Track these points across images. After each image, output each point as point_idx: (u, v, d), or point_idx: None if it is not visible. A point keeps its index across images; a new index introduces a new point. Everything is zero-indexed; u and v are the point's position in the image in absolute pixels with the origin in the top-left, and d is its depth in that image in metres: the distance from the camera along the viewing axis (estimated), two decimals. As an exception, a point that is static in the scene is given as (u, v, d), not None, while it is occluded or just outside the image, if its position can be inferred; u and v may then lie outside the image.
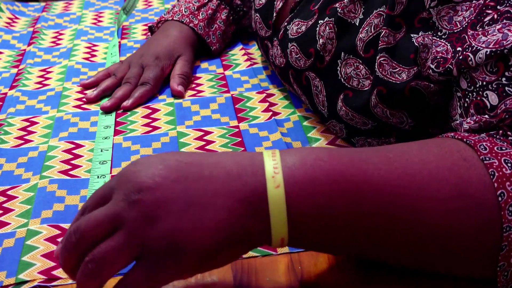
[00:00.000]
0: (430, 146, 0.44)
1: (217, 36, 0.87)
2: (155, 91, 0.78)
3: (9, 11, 1.06)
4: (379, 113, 0.57)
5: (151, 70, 0.78)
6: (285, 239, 0.41)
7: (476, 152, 0.42)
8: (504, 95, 0.44)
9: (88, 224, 0.40)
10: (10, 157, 0.65)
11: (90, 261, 0.40)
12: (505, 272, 0.41)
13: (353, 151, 0.43)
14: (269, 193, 0.40)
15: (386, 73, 0.55)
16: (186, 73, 0.80)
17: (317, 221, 0.41)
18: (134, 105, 0.74)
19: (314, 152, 0.42)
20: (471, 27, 0.48)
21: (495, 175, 0.40)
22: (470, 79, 0.47)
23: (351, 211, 0.41)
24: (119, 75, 0.79)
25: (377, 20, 0.56)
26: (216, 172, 0.41)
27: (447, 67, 0.49)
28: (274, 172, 0.40)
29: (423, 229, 0.41)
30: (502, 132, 0.44)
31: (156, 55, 0.80)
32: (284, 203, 0.40)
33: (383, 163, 0.42)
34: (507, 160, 0.41)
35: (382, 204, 0.41)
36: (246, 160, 0.42)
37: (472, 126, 0.46)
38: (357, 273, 0.47)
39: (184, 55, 0.82)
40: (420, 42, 0.52)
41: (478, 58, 0.46)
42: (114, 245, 0.39)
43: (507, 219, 0.39)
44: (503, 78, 0.45)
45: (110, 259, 0.39)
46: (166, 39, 0.83)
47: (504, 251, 0.40)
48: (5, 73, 0.85)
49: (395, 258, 0.44)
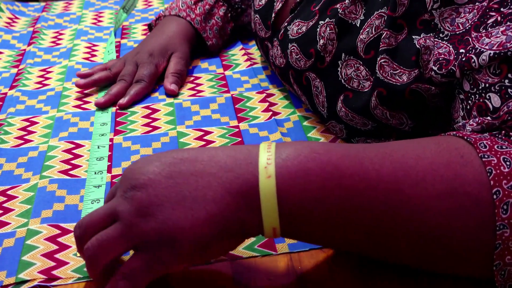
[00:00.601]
0: (428, 143, 0.44)
1: (213, 32, 0.87)
2: (150, 88, 0.78)
3: (9, 11, 1.06)
4: (379, 115, 0.57)
5: (145, 68, 0.79)
6: (277, 229, 0.42)
7: (476, 150, 0.42)
8: (507, 97, 0.44)
9: (91, 218, 0.44)
10: (10, 157, 0.65)
11: (87, 248, 0.43)
12: (502, 271, 0.41)
13: (350, 146, 0.44)
14: (261, 183, 0.41)
15: (387, 75, 0.55)
16: (180, 71, 0.80)
17: (309, 212, 0.41)
18: (130, 103, 0.75)
19: (309, 145, 0.43)
20: (475, 29, 0.47)
21: (493, 173, 0.40)
22: (473, 81, 0.47)
23: (344, 204, 0.41)
24: (114, 71, 0.80)
25: (378, 21, 0.56)
26: (209, 167, 0.42)
27: (449, 68, 0.49)
28: (267, 163, 0.41)
29: (417, 224, 0.41)
30: (505, 132, 0.44)
31: (150, 52, 0.81)
32: (275, 193, 0.41)
33: (378, 158, 0.42)
34: (506, 159, 0.41)
35: (376, 198, 0.41)
36: (242, 153, 0.43)
37: (475, 128, 0.46)
38: (357, 273, 0.47)
39: (178, 51, 0.82)
40: (422, 44, 0.52)
41: (481, 60, 0.46)
42: (110, 234, 0.42)
43: (500, 217, 0.39)
44: (506, 80, 0.45)
45: (105, 246, 0.42)
46: (162, 35, 0.83)
47: (499, 249, 0.40)
48: (5, 73, 0.85)
49: (388, 254, 0.44)
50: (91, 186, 0.60)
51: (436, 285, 0.45)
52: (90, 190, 0.59)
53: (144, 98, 0.77)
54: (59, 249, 0.52)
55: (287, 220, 0.41)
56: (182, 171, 0.42)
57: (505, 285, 0.42)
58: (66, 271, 0.49)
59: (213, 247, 0.42)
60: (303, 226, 0.42)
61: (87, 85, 0.78)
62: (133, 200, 0.42)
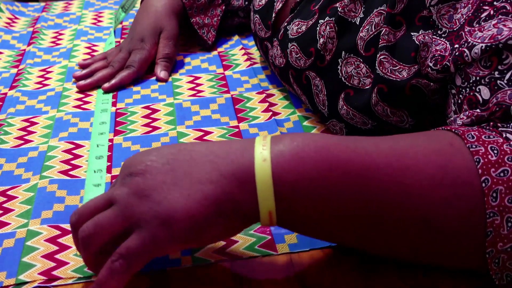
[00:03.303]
0: (418, 135, 0.44)
1: (199, 8, 0.87)
2: (140, 73, 0.82)
3: (9, 11, 1.06)
4: (380, 112, 0.57)
5: (136, 53, 0.82)
6: (273, 214, 0.42)
7: (463, 140, 0.42)
8: (496, 88, 0.44)
9: (88, 205, 0.45)
10: (10, 157, 0.65)
11: (82, 229, 0.44)
12: (496, 259, 0.41)
13: (345, 137, 0.45)
14: (256, 166, 0.42)
15: (387, 71, 0.55)
16: (167, 54, 0.83)
17: (303, 196, 0.42)
18: (113, 87, 0.78)
19: (304, 134, 0.44)
20: (468, 23, 0.48)
21: (481, 161, 0.40)
22: (465, 75, 0.48)
23: (338, 188, 0.41)
24: (109, 59, 0.83)
25: (378, 19, 0.56)
26: (205, 155, 0.44)
27: (444, 64, 0.49)
28: (262, 149, 0.42)
29: (410, 209, 0.41)
30: (493, 124, 0.44)
31: (141, 37, 0.83)
32: (270, 175, 0.41)
33: (371, 146, 0.43)
34: (493, 147, 0.41)
35: (370, 182, 0.41)
36: (238, 144, 0.44)
37: (465, 122, 0.46)
38: (357, 273, 0.47)
39: (166, 30, 0.84)
40: (420, 41, 0.52)
41: (473, 53, 0.46)
42: (105, 214, 0.44)
43: (490, 205, 0.40)
44: (496, 71, 0.45)
45: (100, 225, 0.43)
46: (148, 15, 0.85)
47: (490, 237, 0.40)
48: (5, 73, 0.85)
49: (382, 244, 0.44)
50: (90, 185, 0.60)
51: (435, 283, 0.45)
52: (89, 189, 0.59)
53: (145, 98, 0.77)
54: (59, 249, 0.51)
55: (282, 204, 0.42)
56: (178, 159, 0.44)
57: (501, 274, 0.41)
58: (66, 271, 0.49)
59: (208, 229, 0.42)
60: (298, 211, 0.42)
61: (85, 76, 0.81)
62: (131, 184, 0.43)
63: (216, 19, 0.89)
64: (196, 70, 0.84)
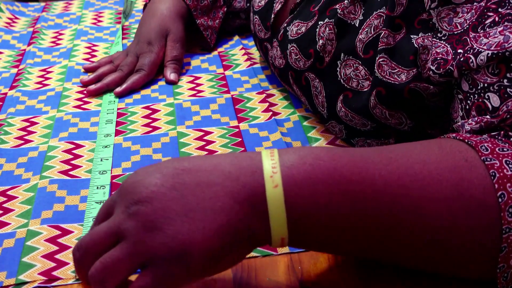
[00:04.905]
0: (431, 146, 0.43)
1: (202, 10, 0.87)
2: (151, 77, 0.81)
3: (9, 11, 1.06)
4: (378, 114, 0.57)
5: (145, 57, 0.81)
6: (285, 239, 0.41)
7: (478, 153, 0.42)
8: (506, 96, 0.44)
9: (91, 239, 0.42)
10: (10, 157, 0.65)
11: (92, 274, 0.41)
12: (505, 274, 0.41)
13: (354, 151, 0.43)
14: (268, 193, 0.40)
15: (385, 74, 0.55)
16: (176, 56, 0.82)
17: (317, 221, 0.41)
18: (125, 91, 0.78)
19: (313, 151, 0.42)
20: (473, 29, 0.48)
21: (496, 176, 0.40)
22: (472, 81, 0.47)
23: (352, 211, 0.41)
24: (116, 63, 0.82)
25: (377, 21, 0.56)
26: (214, 176, 0.41)
27: (447, 68, 0.49)
28: (273, 172, 0.40)
29: (424, 229, 0.41)
30: (504, 132, 0.44)
31: (148, 40, 0.82)
32: (283, 203, 0.40)
33: (384, 163, 0.42)
34: (508, 161, 0.41)
35: (383, 204, 0.41)
36: (245, 161, 0.42)
37: (474, 127, 0.46)
38: (357, 273, 0.47)
39: (172, 32, 0.83)
40: (420, 44, 0.52)
41: (479, 60, 0.46)
42: (115, 255, 0.40)
43: (506, 221, 0.39)
44: (505, 79, 0.45)
45: (112, 269, 0.40)
46: (153, 18, 0.84)
47: (504, 252, 0.40)
48: (5, 73, 0.85)
49: (395, 258, 0.44)
50: (94, 187, 0.60)
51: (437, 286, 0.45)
52: (93, 191, 0.59)
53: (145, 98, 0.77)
54: (59, 249, 0.52)
55: (295, 229, 0.41)
56: (186, 182, 0.41)
57: (507, 286, 0.42)
58: (66, 272, 0.49)
59: (226, 258, 0.41)
60: (310, 234, 0.42)
61: (93, 81, 0.80)
62: (138, 216, 0.40)
63: (218, 21, 0.89)
64: (196, 70, 0.84)
